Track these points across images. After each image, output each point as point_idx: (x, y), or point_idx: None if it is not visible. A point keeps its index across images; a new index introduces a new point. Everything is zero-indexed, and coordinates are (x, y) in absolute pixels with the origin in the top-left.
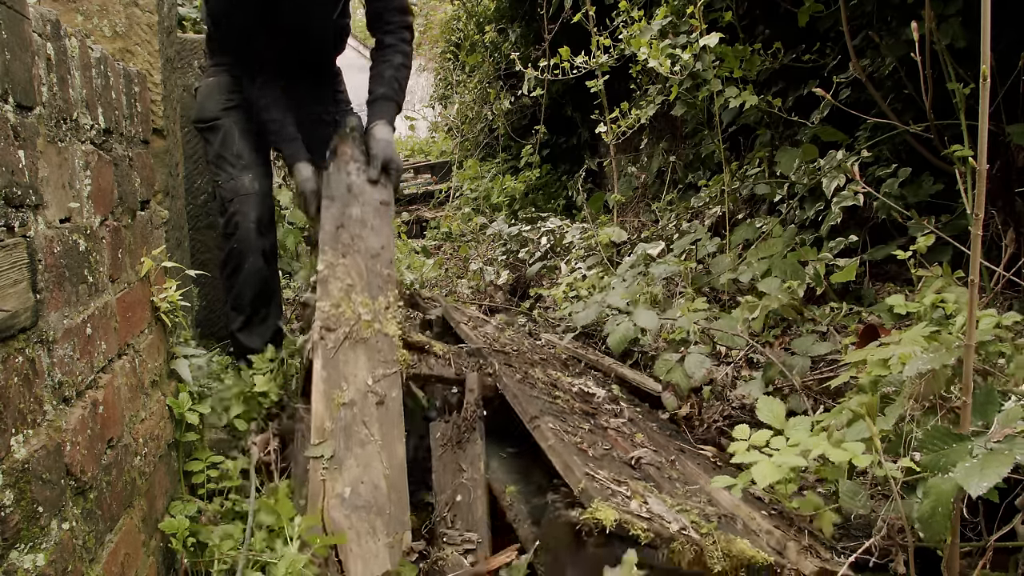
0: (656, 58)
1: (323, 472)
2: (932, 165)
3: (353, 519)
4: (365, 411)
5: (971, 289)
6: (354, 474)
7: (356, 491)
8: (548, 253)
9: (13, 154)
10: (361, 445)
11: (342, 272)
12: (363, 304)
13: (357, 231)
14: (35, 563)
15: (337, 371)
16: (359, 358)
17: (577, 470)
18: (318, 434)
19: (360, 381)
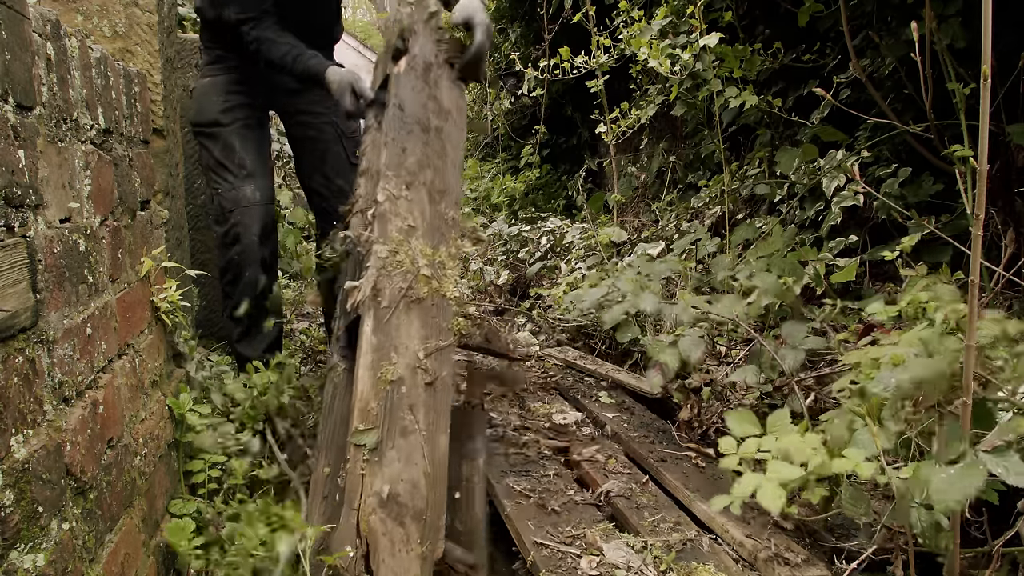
0: (656, 58)
1: (363, 465)
2: (932, 165)
3: (389, 524)
4: (412, 392)
5: (971, 289)
6: (394, 470)
7: (395, 490)
8: (548, 253)
9: (13, 154)
10: (404, 435)
11: (403, 208)
12: (423, 253)
13: (426, 157)
14: (35, 563)
15: (389, 338)
16: (412, 323)
17: (527, 540)
18: (363, 417)
19: (411, 353)
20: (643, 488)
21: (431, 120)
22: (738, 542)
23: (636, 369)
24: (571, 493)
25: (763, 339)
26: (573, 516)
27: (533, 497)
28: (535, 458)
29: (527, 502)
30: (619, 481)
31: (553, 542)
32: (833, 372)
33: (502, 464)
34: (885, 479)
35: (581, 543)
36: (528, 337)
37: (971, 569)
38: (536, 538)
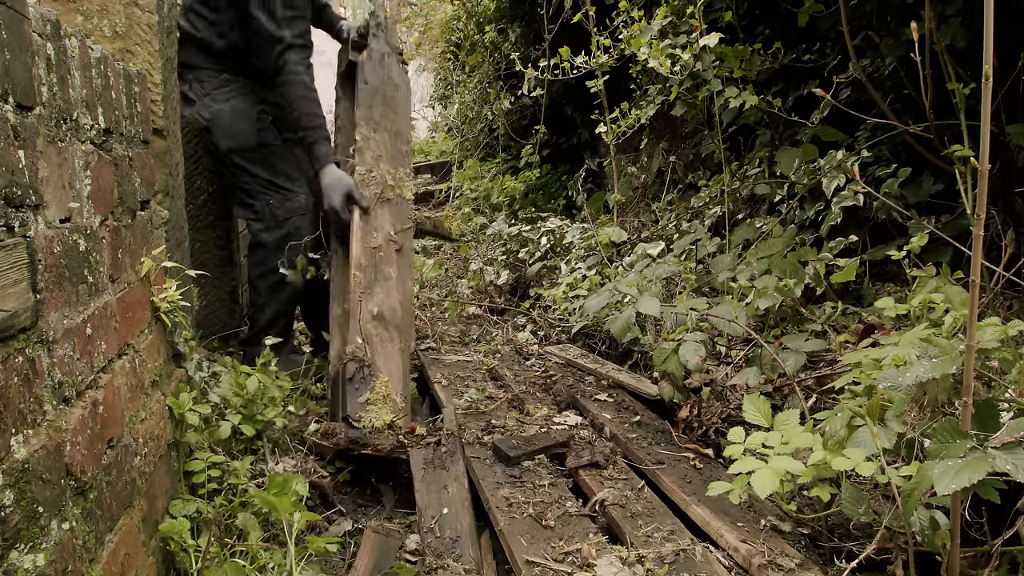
0: (656, 58)
1: (360, 295)
2: (932, 165)
3: (379, 330)
4: (388, 255)
5: (972, 289)
6: (379, 299)
7: (381, 311)
8: (548, 253)
9: (13, 154)
10: (384, 279)
11: (374, 145)
12: (388, 172)
13: (385, 112)
14: (35, 563)
15: (370, 223)
16: (384, 214)
17: (519, 557)
18: (357, 267)
19: (385, 232)
20: (638, 495)
21: (387, 90)
22: (733, 547)
23: (636, 369)
24: (568, 505)
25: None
26: (567, 529)
27: (527, 510)
28: (532, 466)
29: (521, 516)
30: (615, 488)
31: (545, 560)
32: (833, 372)
33: (499, 475)
34: (885, 479)
35: (574, 559)
36: (529, 337)
37: (971, 569)
38: (528, 556)
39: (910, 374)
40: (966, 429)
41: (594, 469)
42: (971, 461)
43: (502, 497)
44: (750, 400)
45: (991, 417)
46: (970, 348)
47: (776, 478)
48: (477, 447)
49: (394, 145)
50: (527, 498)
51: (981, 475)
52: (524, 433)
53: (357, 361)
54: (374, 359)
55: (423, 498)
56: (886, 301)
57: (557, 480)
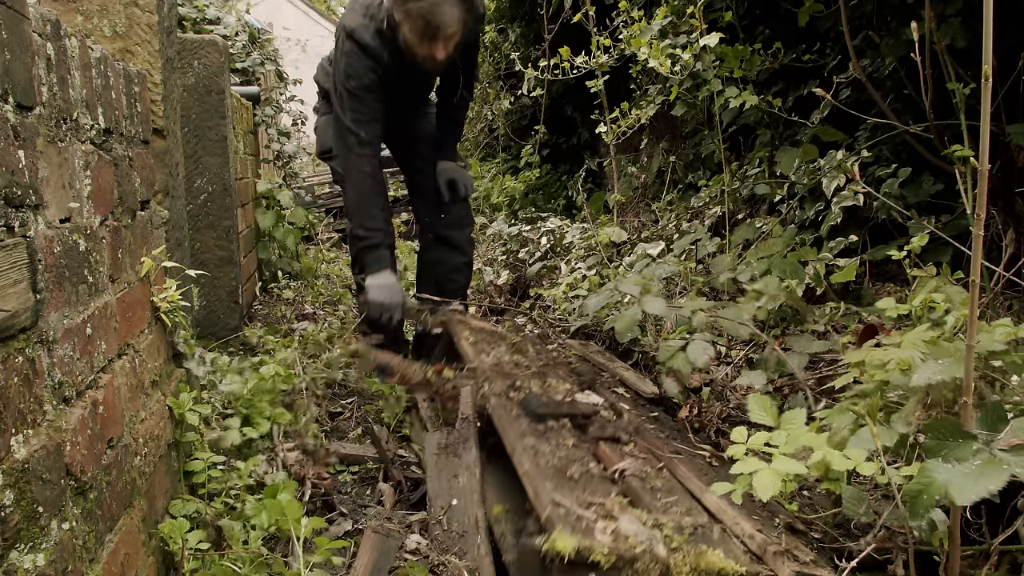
0: (656, 58)
1: None
2: (932, 165)
3: None
4: None
5: (972, 290)
6: None
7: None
8: (548, 253)
9: (13, 154)
10: None
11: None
12: None
13: None
14: (35, 563)
15: None
16: None
17: (544, 497)
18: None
19: None
20: (658, 473)
21: None
22: (748, 534)
23: (637, 368)
24: (590, 466)
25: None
26: (590, 486)
27: (552, 460)
28: (556, 427)
29: (545, 464)
30: (635, 463)
31: (570, 504)
32: (835, 373)
33: (524, 427)
34: (885, 479)
35: (597, 510)
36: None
37: (970, 569)
38: (555, 497)
39: (918, 376)
40: (968, 429)
41: (615, 443)
42: (985, 466)
43: (527, 444)
44: (755, 400)
45: (999, 418)
46: (970, 348)
47: (778, 480)
48: (503, 399)
49: None
50: (552, 451)
51: (1000, 483)
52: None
53: None
54: None
55: (434, 486)
56: (887, 301)
57: (580, 444)
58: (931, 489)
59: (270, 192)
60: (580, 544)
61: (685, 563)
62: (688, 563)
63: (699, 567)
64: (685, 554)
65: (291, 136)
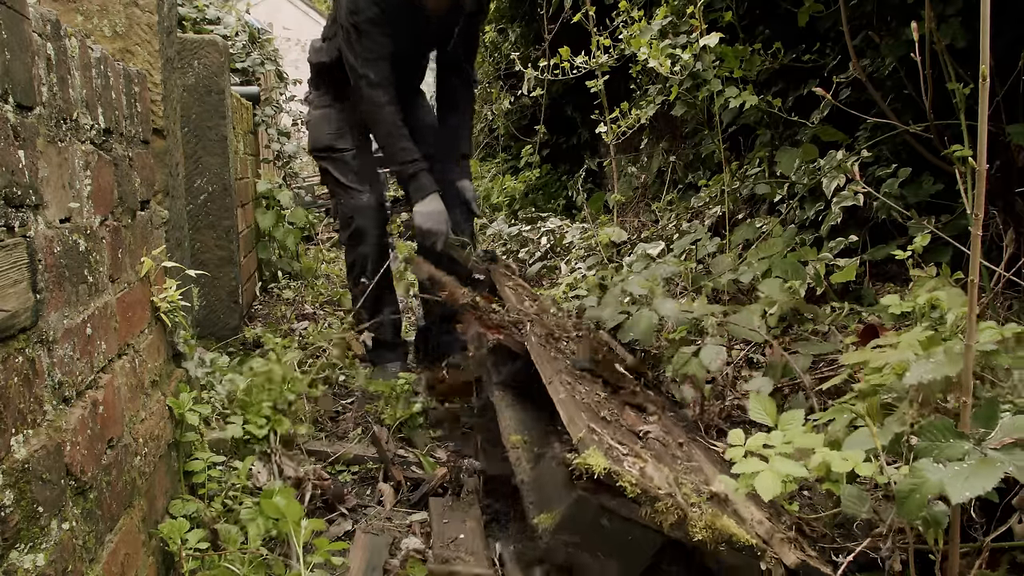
0: (656, 58)
1: None
2: (932, 165)
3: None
4: None
5: (971, 289)
6: None
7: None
8: (548, 253)
9: (13, 154)
10: None
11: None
12: None
13: None
14: (35, 563)
15: None
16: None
17: (580, 422)
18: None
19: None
20: (679, 447)
21: None
22: (757, 520)
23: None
24: (620, 417)
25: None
26: (620, 431)
27: (586, 399)
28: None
29: (580, 399)
30: (659, 431)
31: (603, 434)
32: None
33: (561, 367)
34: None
35: (628, 449)
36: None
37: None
38: (592, 424)
39: (910, 375)
40: (964, 429)
41: (640, 411)
42: (978, 465)
43: (564, 380)
44: (756, 399)
45: (992, 416)
46: (969, 348)
47: (779, 480)
48: (543, 340)
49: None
50: (587, 392)
51: (993, 482)
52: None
53: None
54: None
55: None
56: (891, 298)
57: (611, 399)
58: (923, 488)
59: (270, 192)
60: (611, 467)
61: (701, 519)
62: (704, 520)
63: (714, 526)
64: (703, 512)
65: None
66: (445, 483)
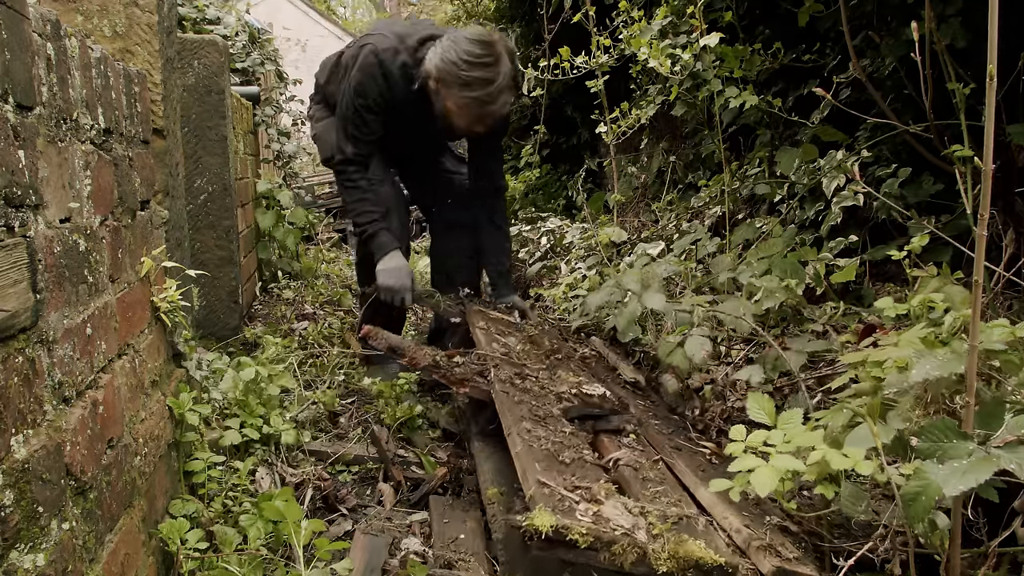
0: (656, 58)
1: None
2: (932, 165)
3: None
4: None
5: (975, 289)
6: None
7: None
8: (548, 253)
9: (13, 154)
10: None
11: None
12: None
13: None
14: (35, 563)
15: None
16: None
17: (531, 477)
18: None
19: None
20: (653, 465)
21: None
22: (735, 529)
23: (639, 368)
24: (584, 453)
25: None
26: (580, 472)
27: (546, 445)
28: (557, 416)
29: (539, 447)
30: (632, 454)
31: (556, 485)
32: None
33: (524, 411)
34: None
35: (583, 493)
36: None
37: (969, 569)
38: (541, 478)
39: (916, 372)
40: (968, 429)
41: (616, 435)
42: (976, 462)
43: (524, 428)
44: (754, 398)
45: (996, 416)
46: (973, 348)
47: (776, 476)
48: (508, 385)
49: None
50: (547, 435)
51: (987, 475)
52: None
53: None
54: None
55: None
56: (885, 301)
57: (578, 432)
58: (929, 491)
59: (270, 192)
60: (558, 523)
61: (664, 550)
62: (667, 550)
63: (677, 555)
64: (665, 541)
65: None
66: (445, 483)
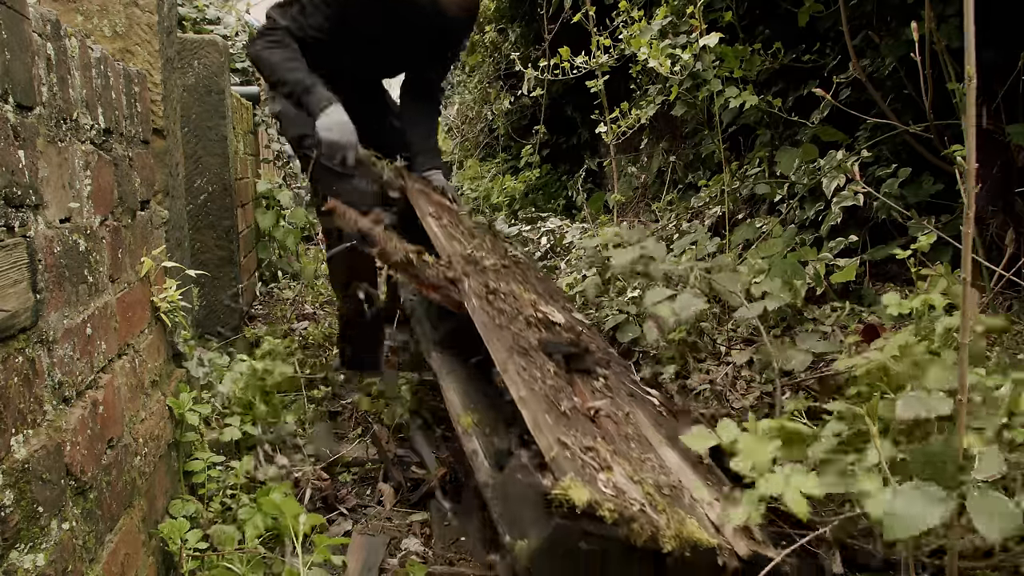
0: (656, 58)
1: None
2: (932, 165)
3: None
4: None
5: (964, 287)
6: None
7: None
8: (548, 253)
9: (13, 154)
10: None
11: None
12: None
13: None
14: (35, 563)
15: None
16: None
17: (548, 434)
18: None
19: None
20: (625, 418)
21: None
22: (707, 502)
23: (638, 368)
24: (575, 400)
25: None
26: (579, 424)
27: (543, 389)
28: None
29: (539, 390)
30: (608, 403)
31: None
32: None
33: (510, 341)
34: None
35: (594, 456)
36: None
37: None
38: (561, 437)
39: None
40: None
41: (587, 375)
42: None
43: (519, 364)
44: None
45: None
46: (963, 346)
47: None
48: (485, 302)
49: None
50: (540, 376)
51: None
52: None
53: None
54: None
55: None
56: (891, 297)
57: (560, 373)
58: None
59: (270, 192)
60: (591, 497)
61: (669, 527)
62: (672, 529)
63: (681, 535)
64: (669, 518)
65: None
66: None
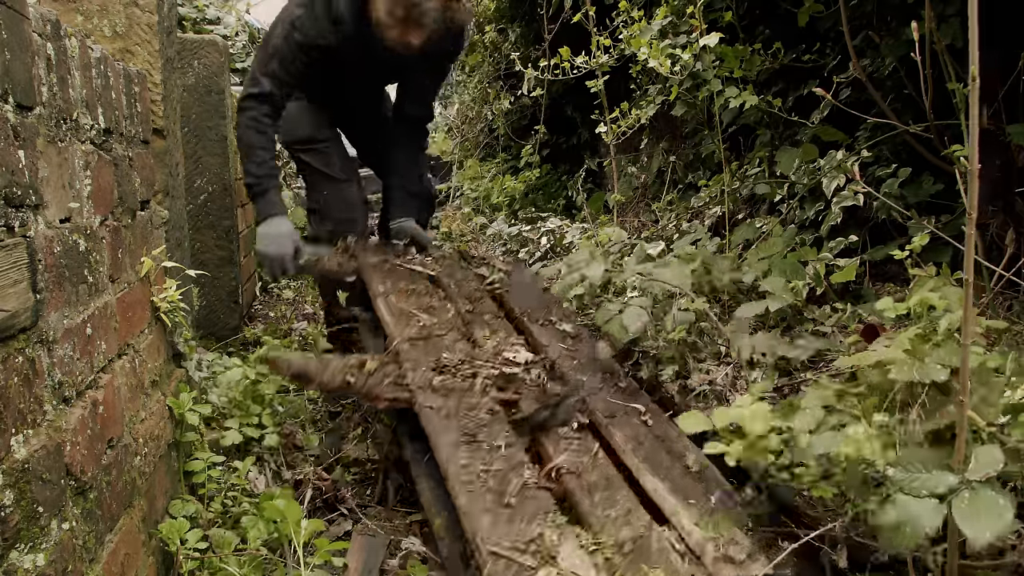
0: (656, 58)
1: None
2: (932, 165)
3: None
4: None
5: (966, 288)
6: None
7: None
8: (548, 253)
9: (13, 154)
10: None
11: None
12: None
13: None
14: (35, 563)
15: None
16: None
17: (483, 548)
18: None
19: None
20: (594, 461)
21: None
22: (687, 530)
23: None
24: (525, 474)
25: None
26: (528, 507)
27: (488, 483)
28: (487, 421)
29: (481, 490)
30: (570, 452)
31: (509, 548)
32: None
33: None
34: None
35: (537, 546)
36: None
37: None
38: (491, 546)
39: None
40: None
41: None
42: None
43: (460, 464)
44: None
45: None
46: (965, 347)
47: None
48: (429, 392)
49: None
50: (485, 465)
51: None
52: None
53: None
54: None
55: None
56: (886, 301)
57: (515, 441)
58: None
59: None
60: None
61: None
62: None
63: None
64: None
65: None
66: None
